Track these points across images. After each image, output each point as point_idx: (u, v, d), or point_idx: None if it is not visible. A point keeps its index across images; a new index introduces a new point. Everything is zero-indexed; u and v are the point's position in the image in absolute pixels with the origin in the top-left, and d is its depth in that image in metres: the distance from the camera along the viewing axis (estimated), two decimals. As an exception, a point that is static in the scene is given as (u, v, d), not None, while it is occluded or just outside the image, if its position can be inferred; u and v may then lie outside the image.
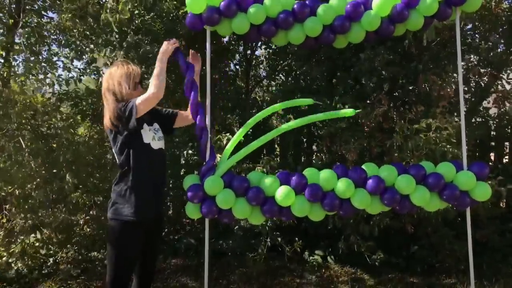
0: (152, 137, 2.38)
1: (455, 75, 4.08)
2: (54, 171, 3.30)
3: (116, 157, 2.38)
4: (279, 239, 4.14)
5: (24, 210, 3.38)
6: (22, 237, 3.66)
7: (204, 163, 2.51)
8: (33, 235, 3.74)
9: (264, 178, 2.46)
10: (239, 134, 2.60)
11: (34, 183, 3.22)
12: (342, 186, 2.37)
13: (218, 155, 2.82)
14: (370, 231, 3.66)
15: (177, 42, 2.51)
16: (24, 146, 3.16)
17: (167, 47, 2.44)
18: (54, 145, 3.36)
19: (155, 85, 2.27)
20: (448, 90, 3.59)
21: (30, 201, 3.40)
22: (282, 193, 2.37)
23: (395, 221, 3.71)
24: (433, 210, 2.59)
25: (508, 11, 3.89)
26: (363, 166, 2.52)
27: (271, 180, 2.43)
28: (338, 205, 2.39)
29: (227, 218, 2.49)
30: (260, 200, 2.40)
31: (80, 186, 3.71)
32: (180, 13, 3.75)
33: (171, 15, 3.90)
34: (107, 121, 2.32)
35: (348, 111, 2.62)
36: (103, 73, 2.38)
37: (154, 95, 2.27)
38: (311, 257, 4.12)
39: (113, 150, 2.40)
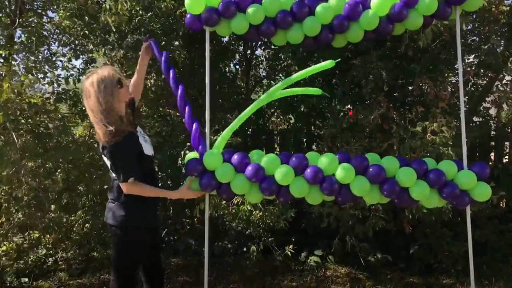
0: (145, 146, 2.30)
1: (451, 76, 4.06)
2: (46, 169, 3.29)
3: (107, 162, 2.22)
4: (276, 239, 4.13)
5: (14, 209, 3.37)
6: (13, 236, 3.64)
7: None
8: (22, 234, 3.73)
9: (265, 157, 2.46)
10: (236, 123, 2.58)
11: (25, 181, 3.20)
12: (343, 171, 2.36)
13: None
14: (364, 232, 3.64)
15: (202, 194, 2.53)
16: (17, 145, 3.14)
17: (192, 195, 2.49)
18: (51, 145, 3.35)
19: (141, 189, 2.18)
20: (444, 92, 3.57)
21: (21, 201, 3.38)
22: (282, 172, 2.37)
23: (391, 224, 3.70)
24: (430, 206, 2.58)
25: (507, 13, 3.86)
26: (366, 155, 2.51)
27: (272, 159, 2.43)
28: (337, 189, 2.38)
29: (226, 193, 2.49)
30: (259, 177, 2.40)
31: (82, 185, 3.71)
32: (178, 12, 3.74)
33: (171, 14, 3.89)
34: (101, 139, 2.14)
35: (327, 63, 2.47)
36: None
37: (128, 188, 2.16)
38: (310, 257, 4.11)
39: (102, 153, 2.24)
